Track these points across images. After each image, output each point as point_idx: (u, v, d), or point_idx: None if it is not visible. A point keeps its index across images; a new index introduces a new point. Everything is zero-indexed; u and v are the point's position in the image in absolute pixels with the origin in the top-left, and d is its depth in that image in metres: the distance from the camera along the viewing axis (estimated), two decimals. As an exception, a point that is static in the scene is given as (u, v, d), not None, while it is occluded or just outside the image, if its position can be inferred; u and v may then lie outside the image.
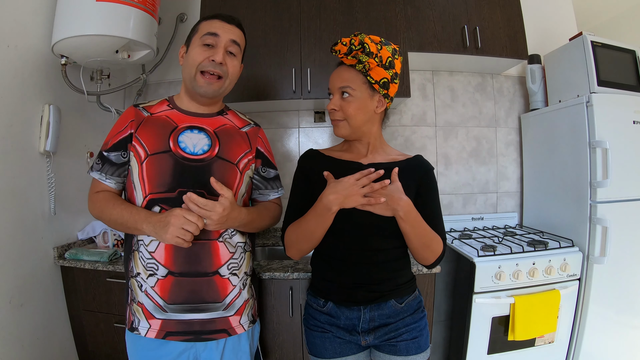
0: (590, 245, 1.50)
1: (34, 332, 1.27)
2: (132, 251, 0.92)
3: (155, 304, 0.88)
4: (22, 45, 1.26)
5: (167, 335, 0.88)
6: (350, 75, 0.90)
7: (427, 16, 1.66)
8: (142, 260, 0.89)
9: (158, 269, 0.88)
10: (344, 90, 0.90)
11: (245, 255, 0.99)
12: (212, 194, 0.88)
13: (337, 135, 0.95)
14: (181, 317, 0.88)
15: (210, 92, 0.93)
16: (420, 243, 0.87)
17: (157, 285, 0.88)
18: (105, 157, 0.93)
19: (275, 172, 1.10)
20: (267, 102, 1.66)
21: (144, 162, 0.90)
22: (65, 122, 1.43)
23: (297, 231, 0.90)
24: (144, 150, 0.90)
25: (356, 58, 0.89)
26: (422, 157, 0.99)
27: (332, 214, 0.84)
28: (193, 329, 0.89)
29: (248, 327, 0.97)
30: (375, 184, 0.83)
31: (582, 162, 1.54)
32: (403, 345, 0.91)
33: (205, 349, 0.90)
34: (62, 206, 1.42)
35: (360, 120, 0.91)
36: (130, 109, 0.97)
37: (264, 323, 1.31)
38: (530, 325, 1.40)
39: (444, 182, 1.99)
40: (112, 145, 0.93)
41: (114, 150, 0.93)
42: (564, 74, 1.73)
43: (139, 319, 0.89)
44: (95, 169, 0.94)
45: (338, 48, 0.90)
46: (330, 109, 0.92)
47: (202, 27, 0.94)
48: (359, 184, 0.83)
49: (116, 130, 0.95)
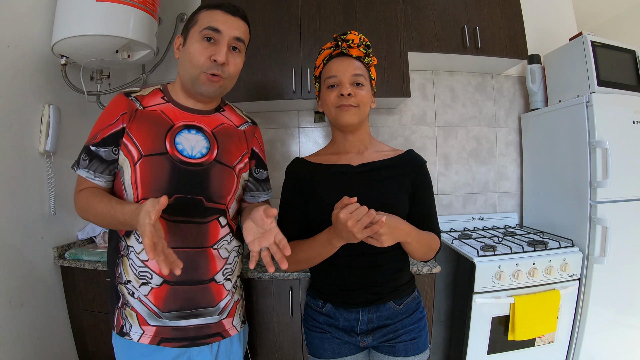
0: (590, 245, 1.50)
1: (34, 332, 1.27)
2: (119, 256, 0.85)
3: (150, 311, 0.84)
4: (22, 45, 1.26)
5: (161, 342, 0.84)
6: (361, 66, 0.92)
7: (427, 16, 1.66)
8: (132, 268, 0.83)
9: (152, 277, 0.83)
10: (358, 77, 0.90)
11: (238, 258, 0.98)
12: (211, 200, 0.86)
13: (344, 124, 0.91)
14: (176, 324, 0.85)
15: (212, 92, 0.86)
16: (422, 253, 0.88)
17: (151, 293, 0.83)
18: (94, 153, 0.83)
19: (267, 173, 1.04)
20: (267, 102, 1.66)
21: (137, 163, 0.82)
22: (65, 122, 1.43)
23: (297, 255, 0.87)
24: (137, 150, 0.82)
25: (365, 52, 0.91)
26: (414, 152, 0.99)
27: (335, 248, 0.82)
28: (188, 335, 0.86)
29: (240, 328, 0.96)
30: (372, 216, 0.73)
31: (582, 162, 1.54)
32: (402, 346, 0.90)
33: (199, 354, 0.88)
34: (62, 206, 1.42)
35: (367, 111, 0.93)
36: (121, 97, 0.86)
37: (264, 323, 1.31)
38: (530, 325, 1.40)
39: (444, 182, 1.99)
40: (101, 139, 0.83)
41: (104, 146, 0.83)
42: (564, 74, 1.73)
43: (130, 324, 0.84)
44: (82, 166, 0.84)
45: (351, 37, 0.90)
46: (347, 93, 0.88)
47: (203, 18, 0.83)
48: (356, 225, 0.70)
49: (106, 122, 0.84)
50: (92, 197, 0.81)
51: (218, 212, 0.88)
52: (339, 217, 0.71)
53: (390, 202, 0.88)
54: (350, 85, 0.89)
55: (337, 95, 0.90)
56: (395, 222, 0.78)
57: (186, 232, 0.84)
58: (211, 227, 0.87)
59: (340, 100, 0.89)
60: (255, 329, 1.32)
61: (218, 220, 0.88)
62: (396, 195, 0.90)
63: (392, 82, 1.60)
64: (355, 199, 0.72)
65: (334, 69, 0.91)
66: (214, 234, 0.88)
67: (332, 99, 0.90)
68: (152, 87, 0.92)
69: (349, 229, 0.70)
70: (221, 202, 0.89)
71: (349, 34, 0.91)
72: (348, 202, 0.72)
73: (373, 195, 0.88)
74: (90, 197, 0.82)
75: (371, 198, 0.86)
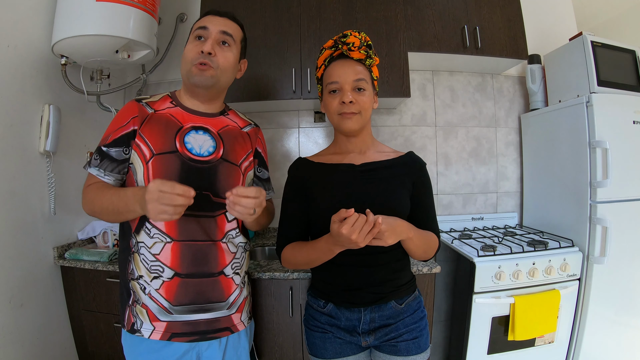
0: (590, 245, 1.50)
1: (34, 332, 1.27)
2: (131, 253, 0.89)
3: (160, 307, 0.86)
4: (22, 45, 1.26)
5: (172, 337, 0.87)
6: (362, 68, 0.91)
7: (427, 16, 1.66)
8: (144, 263, 0.87)
9: (164, 271, 0.86)
10: (359, 82, 0.89)
11: (246, 254, 1.02)
12: (218, 195, 0.89)
13: (346, 130, 0.92)
14: (187, 318, 0.88)
15: (204, 81, 0.90)
16: (421, 251, 0.89)
17: (162, 287, 0.86)
18: (105, 153, 0.88)
19: (268, 173, 1.10)
20: (267, 102, 1.66)
21: (150, 161, 0.87)
22: (65, 122, 1.43)
23: (297, 258, 0.90)
24: (149, 150, 0.88)
25: (366, 53, 0.90)
26: (414, 154, 1.00)
27: (334, 254, 0.82)
28: (199, 329, 0.89)
29: (247, 323, 0.99)
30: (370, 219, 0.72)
31: (582, 162, 1.54)
32: (403, 346, 0.90)
33: (208, 348, 0.91)
34: (62, 206, 1.43)
35: (369, 115, 0.93)
36: (133, 104, 0.92)
37: (264, 323, 1.31)
38: (530, 325, 1.40)
39: (443, 182, 1.99)
40: (112, 140, 0.89)
41: (115, 146, 0.88)
42: (564, 74, 1.73)
43: (141, 321, 0.87)
44: (93, 165, 0.89)
45: (351, 40, 0.89)
46: (348, 101, 0.88)
47: (196, 24, 0.94)
48: (360, 237, 0.70)
49: (117, 125, 0.90)
50: (98, 190, 0.87)
51: (225, 207, 0.91)
52: (341, 233, 0.69)
53: (392, 200, 0.88)
54: (352, 91, 0.89)
55: (339, 103, 0.90)
56: (392, 220, 0.78)
57: (196, 225, 0.89)
58: (219, 221, 0.92)
59: (342, 107, 0.89)
60: (255, 328, 1.31)
61: (225, 215, 0.93)
62: (398, 194, 0.90)
63: (392, 82, 1.60)
64: (353, 210, 0.70)
65: (335, 74, 0.91)
66: (222, 227, 0.93)
67: (334, 106, 0.91)
68: (161, 94, 0.99)
69: (354, 241, 0.70)
70: None
71: (349, 36, 0.89)
72: (346, 215, 0.70)
73: (375, 194, 0.88)
74: (97, 189, 0.87)
75: (373, 196, 0.88)
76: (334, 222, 0.72)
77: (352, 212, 0.70)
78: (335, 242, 0.75)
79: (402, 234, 0.79)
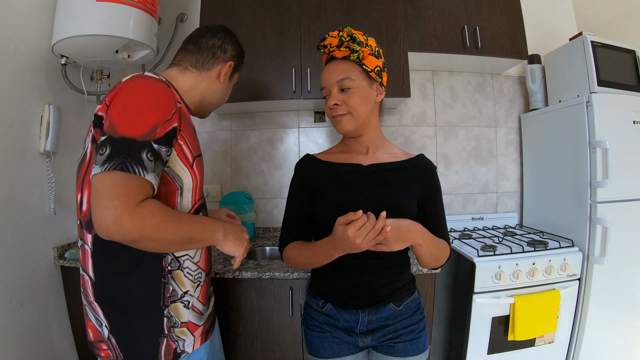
0: (590, 245, 1.50)
1: (34, 332, 1.27)
2: (164, 275, 0.76)
3: (198, 313, 0.84)
4: (22, 45, 1.26)
5: (207, 335, 0.87)
6: (346, 66, 0.88)
7: (427, 16, 1.66)
8: (188, 276, 0.80)
9: (202, 275, 0.86)
10: (343, 82, 0.87)
11: None
12: None
13: (341, 133, 0.92)
14: (209, 312, 0.90)
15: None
16: (432, 258, 0.86)
17: (200, 293, 0.85)
18: (157, 152, 0.65)
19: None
20: (267, 102, 1.66)
21: (193, 165, 0.78)
22: (65, 122, 1.43)
23: (296, 258, 0.90)
24: (190, 153, 0.77)
25: (349, 48, 0.86)
26: (425, 157, 0.98)
27: (333, 259, 0.82)
28: (214, 318, 0.94)
29: None
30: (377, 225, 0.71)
31: (582, 162, 1.54)
32: (401, 347, 0.90)
33: (216, 334, 0.96)
34: (62, 206, 1.42)
35: (364, 112, 0.89)
36: (170, 91, 0.72)
37: (264, 323, 1.31)
38: (530, 325, 1.40)
39: (444, 182, 1.98)
40: (164, 134, 0.66)
41: (164, 144, 0.66)
42: (564, 74, 1.73)
43: (183, 340, 0.79)
44: (149, 169, 0.63)
45: (328, 42, 0.88)
46: (332, 104, 0.87)
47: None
48: (364, 242, 0.69)
49: (163, 116, 0.67)
50: (168, 215, 0.66)
51: None
52: (346, 235, 0.68)
53: (399, 203, 0.86)
54: (339, 93, 0.88)
55: (329, 107, 0.90)
56: (406, 224, 0.76)
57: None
58: None
59: (332, 111, 0.90)
60: (255, 329, 1.32)
61: None
62: (405, 196, 0.88)
63: (392, 82, 1.59)
64: (361, 212, 0.69)
65: (322, 79, 0.92)
66: None
67: (327, 110, 0.92)
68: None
69: (357, 245, 0.69)
70: None
71: (327, 37, 0.88)
72: (354, 218, 0.69)
73: (382, 196, 0.86)
74: (165, 214, 0.65)
75: (380, 198, 0.85)
76: (339, 225, 0.71)
77: (360, 215, 0.69)
78: (336, 245, 0.75)
79: (411, 240, 0.77)
